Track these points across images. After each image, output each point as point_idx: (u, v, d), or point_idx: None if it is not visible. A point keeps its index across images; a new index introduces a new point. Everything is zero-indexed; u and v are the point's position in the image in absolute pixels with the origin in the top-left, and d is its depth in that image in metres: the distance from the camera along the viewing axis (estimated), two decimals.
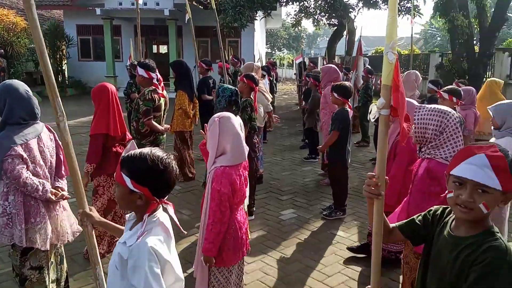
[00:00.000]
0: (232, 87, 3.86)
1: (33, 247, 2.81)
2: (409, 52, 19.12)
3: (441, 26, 15.02)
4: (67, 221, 3.09)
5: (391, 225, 1.82)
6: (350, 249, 4.13)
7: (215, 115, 2.74)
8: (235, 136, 2.64)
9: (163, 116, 4.82)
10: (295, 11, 19.20)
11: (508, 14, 13.06)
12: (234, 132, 2.64)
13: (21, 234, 2.73)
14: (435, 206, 1.72)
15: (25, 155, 2.71)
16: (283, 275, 3.73)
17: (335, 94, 4.85)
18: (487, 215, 1.46)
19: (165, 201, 1.70)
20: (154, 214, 1.66)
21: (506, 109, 3.61)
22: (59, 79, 18.78)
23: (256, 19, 14.91)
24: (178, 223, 1.73)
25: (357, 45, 10.31)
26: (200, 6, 16.08)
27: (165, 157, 1.64)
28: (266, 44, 44.46)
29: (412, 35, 11.17)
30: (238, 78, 5.11)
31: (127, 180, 1.59)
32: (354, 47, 15.70)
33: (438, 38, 39.19)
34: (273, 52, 45.23)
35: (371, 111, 1.74)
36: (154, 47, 23.23)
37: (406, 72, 6.42)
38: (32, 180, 2.72)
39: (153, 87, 4.58)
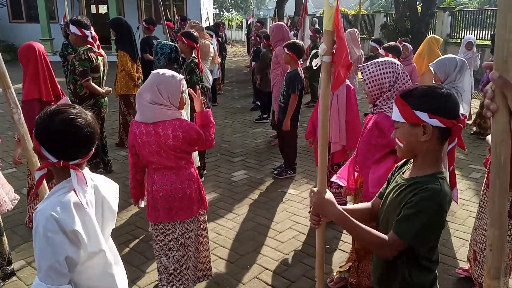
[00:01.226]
0: (170, 43, 3.66)
1: None
2: (356, 13, 19.31)
3: None
4: (2, 189, 2.90)
5: (366, 204, 1.81)
6: None
7: (159, 70, 2.57)
8: (148, 94, 2.43)
9: (103, 78, 4.55)
10: None
11: None
12: (151, 90, 2.43)
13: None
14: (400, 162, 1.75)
15: None
16: (235, 234, 3.76)
17: (288, 52, 4.71)
18: (425, 157, 1.49)
19: (71, 164, 1.50)
20: (69, 178, 1.51)
21: (447, 64, 3.73)
22: None
23: None
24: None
25: (303, 4, 10.19)
26: None
27: (63, 111, 1.49)
28: (214, 5, 43.05)
29: None
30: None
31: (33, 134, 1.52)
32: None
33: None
34: (221, 13, 43.89)
35: (312, 58, 1.69)
36: (93, 7, 21.79)
37: (347, 31, 6.45)
38: None
39: (89, 46, 4.28)
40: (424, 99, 1.44)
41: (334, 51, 1.60)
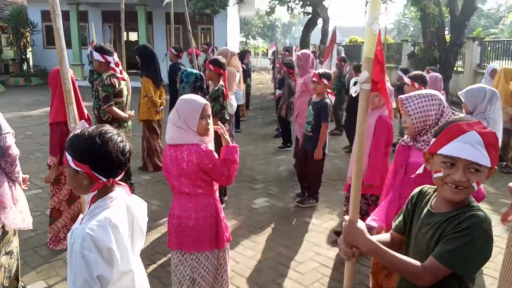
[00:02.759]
0: (196, 71, 3.71)
1: (7, 231, 2.76)
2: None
3: (414, 16, 15.18)
4: (26, 203, 3.01)
5: (385, 235, 1.75)
6: (336, 232, 4.11)
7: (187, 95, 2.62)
8: (171, 116, 2.49)
9: (126, 102, 4.63)
10: None
11: (478, 4, 13.27)
12: (173, 112, 2.49)
13: (9, 215, 2.70)
14: (414, 191, 1.68)
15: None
16: (255, 263, 3.66)
17: (325, 81, 4.68)
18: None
19: (117, 181, 1.58)
20: (105, 197, 1.54)
21: (475, 94, 3.63)
22: (24, 68, 18.07)
23: (228, 5, 14.63)
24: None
25: (331, 33, 10.25)
26: None
27: (105, 131, 1.52)
28: (241, 33, 44.06)
29: (385, 24, 11.24)
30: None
31: (69, 159, 1.49)
32: (328, 36, 15.74)
33: (411, 29, 39.85)
34: (248, 41, 44.83)
35: (353, 85, 1.63)
36: (124, 34, 22.63)
37: None
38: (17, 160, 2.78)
39: (112, 72, 4.38)
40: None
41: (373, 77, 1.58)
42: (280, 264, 3.66)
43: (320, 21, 18.33)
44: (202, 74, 3.70)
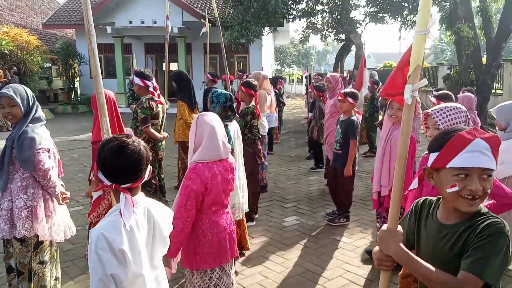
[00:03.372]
0: (226, 92, 3.87)
1: (42, 241, 2.89)
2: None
3: (449, 40, 15.01)
4: (68, 218, 3.15)
5: None
6: (368, 251, 4.09)
7: (199, 114, 2.73)
8: (210, 131, 2.56)
9: (162, 124, 4.88)
10: (303, 27, 19.44)
11: None
12: (209, 127, 2.57)
13: (43, 226, 2.83)
14: (416, 203, 1.69)
15: (51, 150, 2.90)
16: (283, 278, 3.69)
17: (350, 100, 4.76)
18: None
19: (122, 188, 1.64)
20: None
21: (508, 111, 3.59)
22: (72, 97, 19.17)
23: (263, 35, 15.08)
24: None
25: (361, 58, 10.34)
26: (208, 24, 16.36)
27: (111, 139, 1.65)
28: (276, 61, 44.81)
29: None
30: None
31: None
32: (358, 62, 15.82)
33: (449, 53, 39.16)
34: (283, 68, 45.57)
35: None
36: (165, 65, 23.64)
37: None
38: (54, 176, 2.88)
39: (150, 95, 4.65)
40: None
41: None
42: (308, 280, 3.67)
43: (353, 47, 18.47)
44: (231, 94, 3.87)
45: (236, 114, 5.53)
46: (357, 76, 10.56)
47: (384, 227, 1.54)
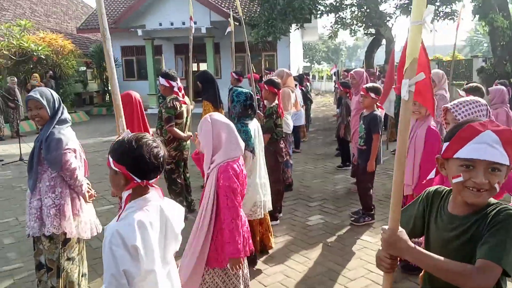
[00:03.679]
0: (246, 90, 3.87)
1: (70, 238, 3.01)
2: (451, 58, 18.50)
3: (483, 30, 14.42)
4: (94, 216, 3.26)
5: None
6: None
7: (206, 115, 2.75)
8: (228, 129, 2.61)
9: (186, 123, 4.95)
10: (331, 22, 19.20)
11: None
12: (225, 124, 2.61)
13: (70, 224, 2.95)
14: (428, 190, 1.66)
15: (77, 151, 3.01)
16: (305, 278, 3.68)
17: (372, 95, 4.68)
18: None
19: (151, 183, 1.72)
20: (140, 198, 1.70)
21: None
22: (106, 99, 19.75)
23: (290, 32, 14.99)
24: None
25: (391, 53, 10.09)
26: (236, 23, 16.43)
27: (142, 137, 1.69)
28: (305, 58, 44.44)
29: (456, 38, 10.70)
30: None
31: (111, 160, 1.68)
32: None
33: (485, 45, 37.63)
34: (312, 65, 45.13)
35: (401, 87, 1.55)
36: (195, 65, 23.96)
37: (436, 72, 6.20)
38: (80, 175, 2.99)
39: (174, 95, 4.74)
40: None
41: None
42: (330, 279, 3.64)
43: (384, 41, 18.08)
44: (251, 93, 3.88)
45: (260, 112, 5.57)
46: (387, 72, 10.35)
47: (385, 227, 1.52)
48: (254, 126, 3.82)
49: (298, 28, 15.88)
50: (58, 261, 3.03)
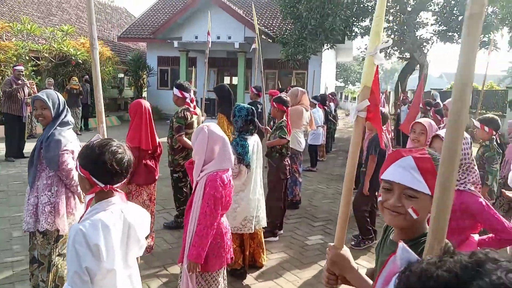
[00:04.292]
0: (248, 106, 3.96)
1: (62, 235, 3.15)
2: (487, 89, 17.94)
3: None
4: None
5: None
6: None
7: (202, 124, 2.83)
8: (223, 142, 2.72)
9: None
10: (366, 44, 19.10)
11: None
12: (220, 137, 2.72)
13: (64, 221, 3.10)
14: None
15: (75, 152, 3.14)
16: None
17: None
18: (420, 221, 1.39)
19: (114, 188, 1.81)
20: (104, 201, 1.80)
21: None
22: None
23: (320, 51, 15.04)
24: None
25: (421, 79, 9.95)
26: (269, 40, 16.71)
27: (106, 143, 1.78)
28: (339, 78, 44.20)
29: (487, 68, 10.42)
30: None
31: (78, 165, 1.78)
32: (427, 82, 15.24)
33: None
34: (346, 86, 44.79)
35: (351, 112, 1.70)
36: (228, 79, 24.39)
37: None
38: (76, 176, 3.14)
39: (186, 106, 4.89)
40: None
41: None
42: None
43: (418, 67, 17.80)
44: (253, 109, 3.96)
45: (268, 128, 5.62)
46: (413, 98, 10.20)
47: (331, 245, 1.57)
48: (253, 141, 3.89)
49: (328, 49, 15.91)
50: (49, 256, 3.17)
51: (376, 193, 4.71)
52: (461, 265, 0.59)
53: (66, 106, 3.23)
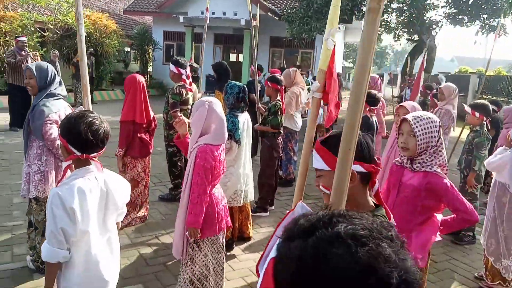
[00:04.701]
0: (240, 83, 4.02)
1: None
2: (495, 74, 17.74)
3: None
4: None
5: None
6: None
7: (204, 98, 2.94)
8: (219, 119, 2.84)
9: (191, 110, 5.17)
10: None
11: None
12: (219, 116, 2.84)
13: (46, 187, 3.23)
14: None
15: (59, 122, 3.21)
16: None
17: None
18: (355, 199, 1.48)
19: (90, 157, 1.93)
20: (82, 168, 1.92)
21: None
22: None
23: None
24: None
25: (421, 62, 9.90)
26: (275, 17, 16.55)
27: (83, 114, 1.90)
28: (348, 59, 43.72)
29: (492, 51, 10.31)
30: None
31: (58, 133, 1.91)
32: (437, 65, 15.11)
33: None
34: (354, 67, 44.29)
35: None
36: (234, 56, 24.26)
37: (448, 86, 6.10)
38: None
39: (182, 83, 4.96)
40: None
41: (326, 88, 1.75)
42: None
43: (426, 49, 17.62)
44: (245, 86, 4.03)
45: (261, 107, 5.70)
46: (415, 81, 10.18)
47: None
48: (244, 119, 3.99)
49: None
50: (43, 221, 3.33)
51: None
52: (318, 217, 0.71)
53: (58, 79, 3.31)
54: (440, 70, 25.31)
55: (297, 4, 16.38)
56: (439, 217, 2.43)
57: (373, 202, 1.53)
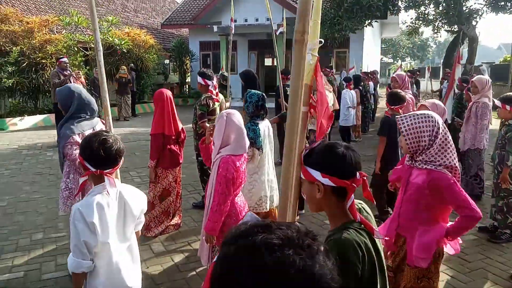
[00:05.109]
0: (259, 92, 4.11)
1: None
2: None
3: None
4: None
5: None
6: None
7: (224, 111, 3.10)
8: (238, 130, 2.98)
9: None
10: (412, 18, 18.38)
11: None
12: (237, 126, 2.98)
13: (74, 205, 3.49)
14: None
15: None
16: None
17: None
18: (325, 208, 1.55)
19: (105, 172, 2.10)
20: (100, 184, 2.10)
21: None
22: (184, 90, 21.06)
23: (359, 29, 14.70)
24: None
25: (456, 53, 9.57)
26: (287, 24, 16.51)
27: (97, 134, 2.10)
28: (388, 54, 42.63)
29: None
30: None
31: (79, 152, 2.13)
32: (484, 54, 14.46)
33: None
34: (395, 62, 43.12)
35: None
36: (269, 60, 24.43)
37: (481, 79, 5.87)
38: None
39: (209, 94, 5.14)
40: (318, 158, 1.49)
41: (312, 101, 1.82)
42: None
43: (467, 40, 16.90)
44: (263, 94, 4.12)
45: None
46: (450, 74, 9.84)
47: None
48: (264, 126, 4.08)
49: (366, 26, 15.52)
50: None
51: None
52: (247, 227, 0.82)
53: (83, 101, 3.47)
54: (487, 59, 24.15)
55: (328, 4, 16.32)
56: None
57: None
